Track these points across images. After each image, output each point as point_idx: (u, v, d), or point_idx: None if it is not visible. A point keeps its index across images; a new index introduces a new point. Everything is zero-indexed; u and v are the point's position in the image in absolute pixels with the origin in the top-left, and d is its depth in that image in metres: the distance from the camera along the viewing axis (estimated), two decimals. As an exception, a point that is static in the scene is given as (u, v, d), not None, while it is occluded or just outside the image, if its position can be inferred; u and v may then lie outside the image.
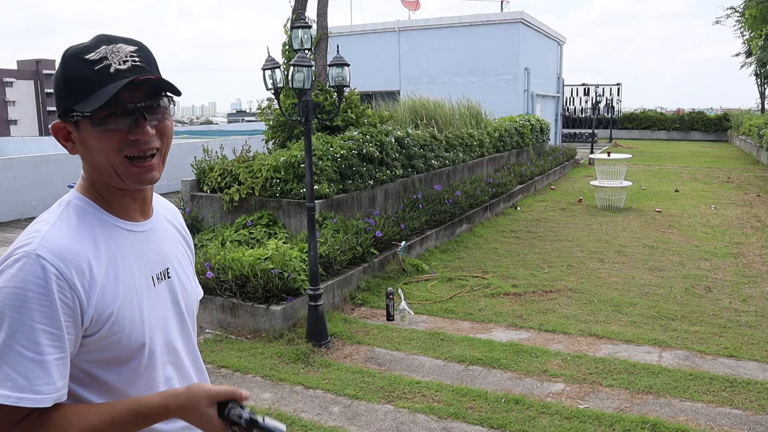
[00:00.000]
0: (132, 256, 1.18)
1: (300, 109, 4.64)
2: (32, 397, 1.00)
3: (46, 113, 76.87)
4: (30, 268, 1.03)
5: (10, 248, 1.09)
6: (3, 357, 1.00)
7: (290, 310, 5.11)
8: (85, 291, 1.08)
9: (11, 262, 1.05)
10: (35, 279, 1.03)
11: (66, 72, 1.11)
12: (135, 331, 1.15)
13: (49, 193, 11.60)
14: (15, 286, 1.02)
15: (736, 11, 26.53)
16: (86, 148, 1.13)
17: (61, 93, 1.12)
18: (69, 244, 1.09)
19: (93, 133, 1.10)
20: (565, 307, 5.68)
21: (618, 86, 31.51)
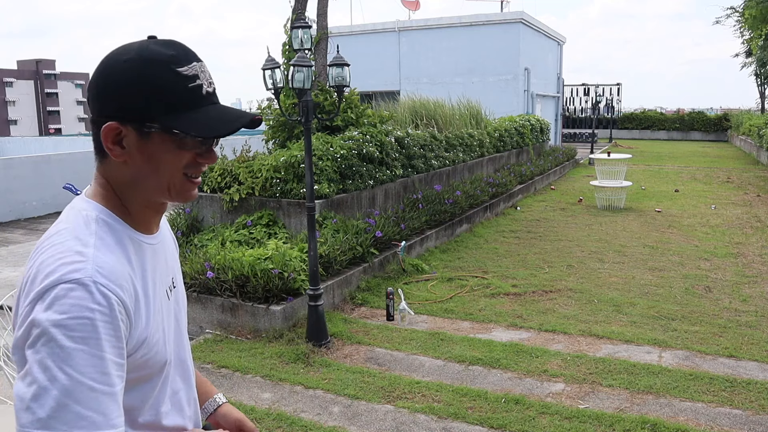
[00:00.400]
0: (154, 272, 1.15)
1: (300, 109, 4.64)
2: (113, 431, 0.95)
3: (46, 113, 76.86)
4: (93, 296, 0.96)
5: (45, 271, 0.98)
6: (72, 395, 0.91)
7: (290, 310, 5.11)
8: (135, 315, 1.05)
9: (65, 290, 0.95)
10: (100, 308, 0.96)
11: (151, 78, 1.03)
12: (160, 349, 1.13)
13: (49, 193, 11.61)
14: (81, 316, 0.94)
15: (736, 11, 26.53)
16: (147, 160, 1.07)
17: (137, 97, 1.03)
18: (118, 268, 1.03)
19: (166, 149, 1.06)
20: (565, 307, 5.68)
21: (618, 86, 31.51)
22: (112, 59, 1.05)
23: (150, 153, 1.06)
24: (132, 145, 1.05)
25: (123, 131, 1.04)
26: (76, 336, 0.93)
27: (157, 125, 1.04)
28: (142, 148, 1.05)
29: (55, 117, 78.58)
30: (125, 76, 1.03)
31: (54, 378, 0.91)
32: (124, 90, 1.03)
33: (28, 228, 10.24)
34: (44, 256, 1.01)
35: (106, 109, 1.05)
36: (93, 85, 1.06)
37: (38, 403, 0.90)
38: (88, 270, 0.98)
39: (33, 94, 76.59)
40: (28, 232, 9.90)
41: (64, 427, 0.90)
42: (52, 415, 0.90)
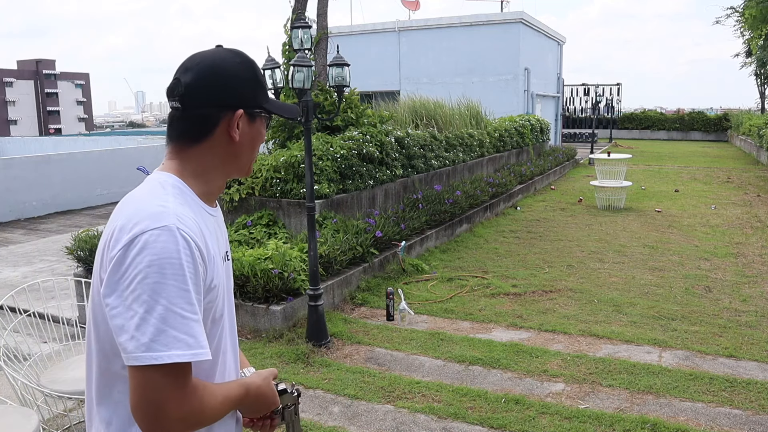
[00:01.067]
0: (214, 236, 1.31)
1: (300, 109, 4.64)
2: (204, 351, 1.13)
3: (46, 113, 76.86)
4: (178, 240, 1.14)
5: (132, 222, 1.15)
6: (167, 322, 1.09)
7: (290, 310, 5.11)
8: (207, 262, 1.21)
9: (154, 235, 1.12)
10: (183, 249, 1.14)
11: (259, 76, 1.33)
12: (220, 301, 1.29)
13: (49, 193, 11.61)
14: (170, 257, 1.12)
15: (736, 11, 26.53)
16: (249, 140, 1.33)
17: (253, 89, 1.31)
18: (193, 219, 1.22)
19: (261, 131, 1.36)
20: (565, 307, 5.68)
21: (618, 86, 31.51)
22: (226, 60, 1.29)
23: (254, 133, 1.34)
24: (244, 127, 1.31)
25: (242, 117, 1.30)
26: (168, 273, 1.11)
27: (264, 110, 1.34)
28: (250, 130, 1.33)
29: (55, 117, 78.57)
30: (244, 75, 1.30)
31: (152, 309, 1.09)
32: (244, 85, 1.30)
33: (28, 228, 10.24)
34: (128, 211, 1.19)
35: (229, 100, 1.28)
36: (209, 80, 1.26)
37: (140, 331, 1.08)
38: (172, 218, 1.16)
39: (33, 94, 76.59)
40: (28, 232, 9.90)
41: (164, 348, 1.08)
42: (154, 339, 1.08)
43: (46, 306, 4.07)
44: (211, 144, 1.29)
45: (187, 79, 1.26)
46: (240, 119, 1.28)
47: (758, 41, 22.59)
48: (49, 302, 4.90)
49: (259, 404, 1.35)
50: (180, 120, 1.28)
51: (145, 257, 1.10)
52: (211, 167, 1.31)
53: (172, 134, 1.30)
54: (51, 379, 3.25)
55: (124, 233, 1.14)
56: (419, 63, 20.40)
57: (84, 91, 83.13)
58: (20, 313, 3.67)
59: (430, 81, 19.94)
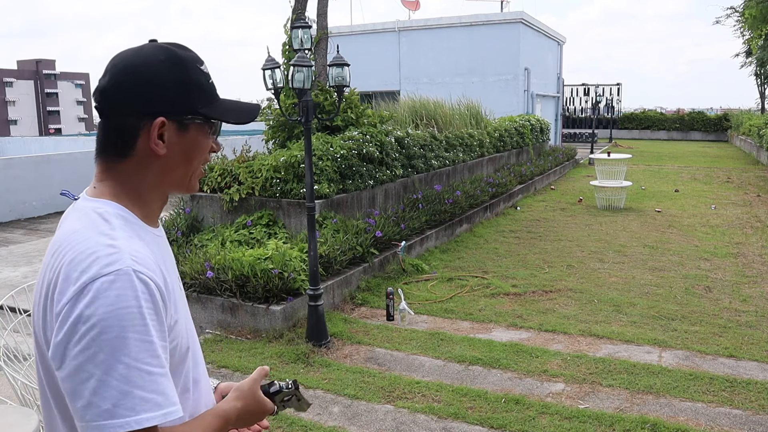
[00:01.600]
0: (169, 262, 1.19)
1: (300, 109, 4.64)
2: (174, 408, 1.00)
3: (46, 113, 76.88)
4: (134, 285, 0.99)
5: (79, 269, 0.99)
6: (132, 382, 0.95)
7: (290, 310, 5.11)
8: (167, 300, 1.07)
9: (106, 283, 0.97)
10: (143, 294, 0.99)
11: (191, 75, 1.12)
12: (182, 335, 1.15)
13: (49, 193, 11.61)
14: (127, 306, 0.97)
15: (736, 11, 26.53)
16: (181, 152, 1.13)
17: (181, 92, 1.11)
18: (149, 256, 1.06)
19: (201, 140, 1.15)
20: (565, 307, 5.68)
21: (618, 86, 31.51)
22: (146, 58, 1.09)
23: (187, 144, 1.13)
24: (171, 137, 1.11)
25: (167, 125, 1.10)
26: (126, 325, 0.96)
27: (200, 117, 1.13)
28: (180, 140, 1.12)
29: (55, 117, 78.58)
30: (169, 75, 1.09)
31: (111, 369, 0.94)
32: (169, 86, 1.09)
33: (28, 228, 10.24)
34: (72, 254, 1.01)
35: (147, 106, 1.08)
36: (124, 83, 1.08)
37: (99, 396, 0.94)
38: (126, 260, 1.00)
39: (33, 94, 76.60)
40: (28, 232, 9.90)
41: (130, 413, 0.94)
42: (117, 404, 0.94)
43: (46, 306, 4.05)
44: (137, 160, 1.11)
45: (104, 83, 1.10)
46: (164, 129, 1.09)
47: (758, 41, 22.58)
48: (49, 302, 4.89)
49: (249, 419, 1.24)
50: (102, 131, 1.12)
51: (98, 309, 0.95)
52: (144, 187, 1.13)
53: (98, 149, 1.14)
54: (51, 379, 3.24)
55: (70, 284, 0.98)
56: (419, 63, 20.40)
57: (84, 91, 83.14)
58: (20, 313, 3.67)
59: (430, 81, 19.94)
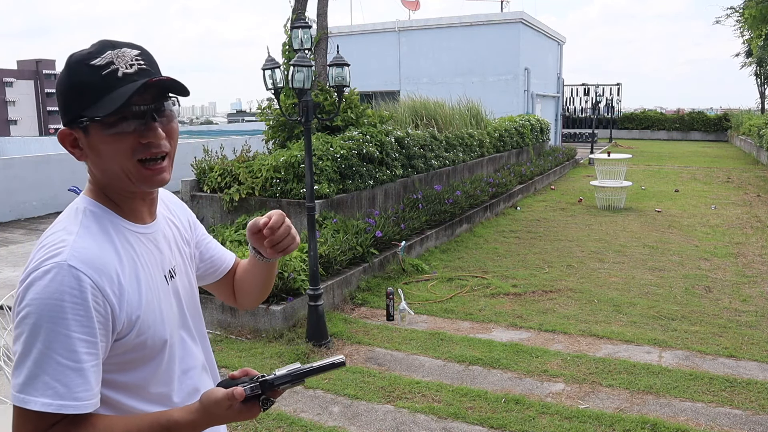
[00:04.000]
0: (147, 258, 1.22)
1: (300, 109, 4.64)
2: (73, 404, 1.04)
3: (46, 113, 76.88)
4: (64, 279, 1.05)
5: (35, 259, 1.09)
6: (42, 366, 1.03)
7: (290, 310, 5.11)
8: (116, 298, 1.11)
9: (41, 273, 1.05)
10: (70, 290, 1.05)
11: (72, 78, 1.12)
12: (158, 329, 1.19)
13: (49, 193, 11.61)
14: (50, 297, 1.04)
15: (736, 11, 26.50)
16: (96, 154, 1.14)
17: (68, 100, 1.12)
18: (97, 253, 1.11)
19: (104, 138, 1.11)
20: (565, 307, 5.68)
21: (618, 86, 31.50)
22: (59, 75, 1.16)
23: (94, 147, 1.13)
24: (84, 144, 1.14)
25: (74, 134, 1.14)
26: (45, 315, 1.03)
27: (85, 119, 1.10)
28: (89, 145, 1.13)
29: (55, 117, 78.52)
30: (60, 86, 1.14)
31: (29, 350, 1.03)
32: (61, 98, 1.14)
33: (28, 228, 10.24)
34: (37, 248, 1.12)
35: (64, 119, 1.14)
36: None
37: (18, 371, 1.04)
38: (64, 255, 1.07)
39: (33, 94, 76.60)
40: (28, 232, 9.90)
41: (35, 393, 1.03)
42: (27, 382, 1.03)
43: (46, 306, 4.06)
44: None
45: None
46: (73, 136, 1.14)
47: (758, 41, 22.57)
48: (49, 302, 4.90)
49: (217, 422, 1.16)
50: None
51: (28, 296, 1.05)
52: (100, 186, 1.19)
53: None
54: (51, 379, 3.24)
55: (25, 269, 1.09)
56: (419, 63, 20.40)
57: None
58: (20, 313, 3.67)
59: (430, 81, 19.94)
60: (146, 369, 1.20)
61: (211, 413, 1.12)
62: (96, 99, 1.09)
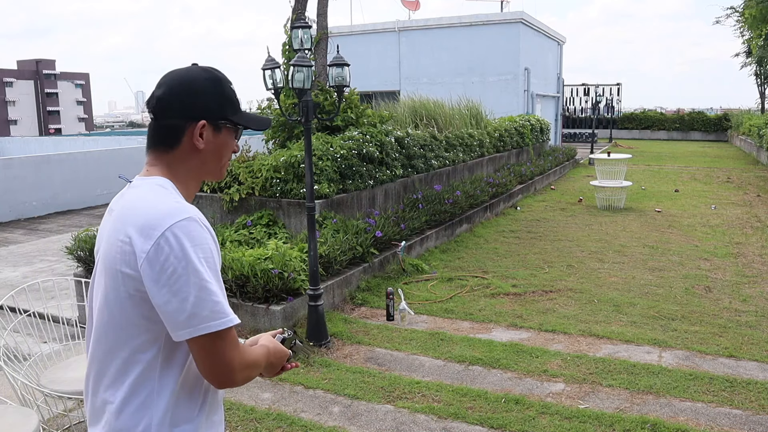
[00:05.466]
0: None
1: (300, 109, 4.64)
2: (236, 317, 1.33)
3: (46, 113, 76.85)
4: (202, 228, 1.31)
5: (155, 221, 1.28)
6: (214, 296, 1.28)
7: (290, 310, 5.11)
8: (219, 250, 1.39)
9: (183, 227, 1.28)
10: (210, 236, 1.33)
11: (225, 88, 1.46)
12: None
13: (49, 193, 11.61)
14: (201, 243, 1.29)
15: (736, 11, 26.50)
16: (217, 149, 1.46)
17: (219, 104, 1.44)
18: (203, 217, 1.37)
19: (229, 141, 1.48)
20: (565, 307, 5.68)
21: (618, 86, 31.50)
22: (194, 76, 1.42)
23: (220, 142, 1.46)
24: (209, 136, 1.44)
25: (206, 127, 1.42)
26: (201, 257, 1.28)
27: (229, 122, 1.46)
28: (215, 139, 1.45)
29: (55, 117, 78.55)
30: (209, 89, 1.43)
31: (202, 288, 1.26)
32: (210, 98, 1.43)
33: (28, 228, 10.24)
34: (143, 211, 1.31)
35: (193, 112, 1.41)
36: (177, 94, 1.40)
37: (199, 307, 1.26)
38: (191, 211, 1.32)
39: (33, 94, 76.56)
40: (28, 232, 9.90)
41: (222, 316, 1.29)
42: (213, 310, 1.27)
43: (46, 306, 4.07)
44: (181, 152, 1.42)
45: (159, 93, 1.41)
46: (204, 129, 1.41)
47: (758, 41, 22.57)
48: (49, 302, 4.90)
49: (278, 359, 1.56)
50: (154, 130, 1.43)
51: (182, 245, 1.26)
52: (185, 173, 1.44)
53: (150, 142, 1.44)
54: (51, 379, 3.25)
55: (154, 229, 1.27)
56: (419, 63, 20.40)
57: (84, 91, 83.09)
58: (20, 313, 3.67)
59: (430, 81, 19.94)
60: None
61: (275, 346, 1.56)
62: (236, 112, 1.47)
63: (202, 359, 1.29)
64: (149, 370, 1.33)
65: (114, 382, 1.36)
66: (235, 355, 1.32)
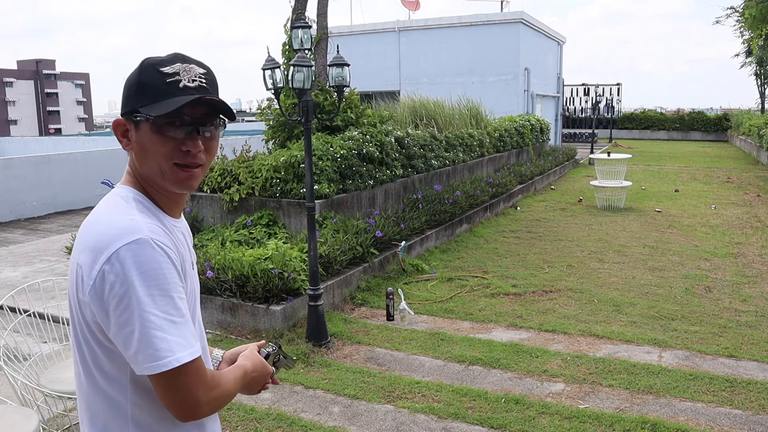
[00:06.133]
0: (183, 245, 1.34)
1: (300, 109, 4.64)
2: (198, 348, 1.20)
3: (46, 113, 76.85)
4: (154, 249, 1.16)
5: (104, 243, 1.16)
6: (164, 329, 1.15)
7: (290, 310, 5.11)
8: (183, 267, 1.26)
9: (131, 250, 1.14)
10: (162, 257, 1.17)
11: (140, 77, 1.24)
12: (191, 305, 1.31)
13: (49, 193, 11.61)
14: (150, 268, 1.15)
15: (736, 11, 26.50)
16: (141, 149, 1.25)
17: (131, 94, 1.24)
18: (161, 229, 1.24)
19: (151, 137, 1.23)
20: (565, 307, 5.68)
21: (618, 86, 31.51)
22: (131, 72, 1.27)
23: (140, 142, 1.25)
24: (133, 137, 1.26)
25: (126, 125, 1.26)
26: (151, 284, 1.14)
27: (140, 114, 1.22)
28: (137, 139, 1.25)
29: (55, 117, 78.55)
30: (128, 82, 1.26)
31: (147, 321, 1.13)
32: (126, 91, 1.26)
33: (28, 228, 10.24)
34: (96, 229, 1.19)
35: (123, 110, 1.27)
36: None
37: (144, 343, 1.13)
38: (143, 230, 1.17)
39: (33, 94, 76.56)
40: (28, 232, 9.90)
41: (178, 349, 1.15)
42: (160, 348, 1.14)
43: (46, 306, 4.07)
44: (132, 154, 1.30)
45: None
46: (125, 127, 1.27)
47: (758, 41, 22.56)
48: (49, 302, 4.90)
49: (260, 376, 1.45)
50: None
51: (126, 273, 1.13)
52: (138, 179, 1.30)
53: None
54: (51, 379, 3.25)
55: (100, 253, 1.15)
56: (419, 63, 20.40)
57: (84, 91, 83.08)
58: (20, 313, 3.67)
59: (430, 81, 19.94)
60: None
61: (256, 362, 1.44)
62: (154, 100, 1.22)
63: (162, 395, 1.19)
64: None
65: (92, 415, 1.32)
66: (199, 389, 1.20)
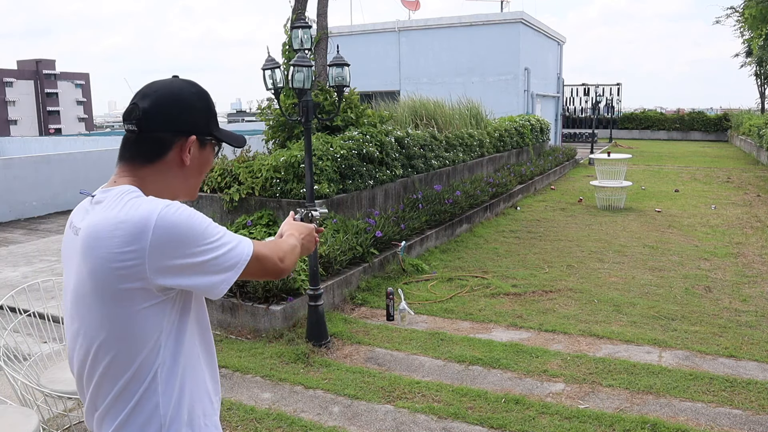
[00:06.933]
0: None
1: (300, 109, 4.64)
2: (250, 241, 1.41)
3: (46, 113, 76.84)
4: (186, 205, 1.32)
5: (137, 218, 1.25)
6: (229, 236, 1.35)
7: (290, 310, 5.11)
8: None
9: (167, 208, 1.26)
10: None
11: (210, 106, 1.46)
12: (197, 304, 1.48)
13: (49, 193, 11.61)
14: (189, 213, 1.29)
15: (736, 11, 26.50)
16: (198, 164, 1.44)
17: (208, 117, 1.44)
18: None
19: (210, 157, 1.47)
20: (565, 307, 5.68)
21: (618, 86, 31.50)
22: (180, 90, 1.41)
23: (203, 158, 1.45)
24: (195, 152, 1.42)
25: (194, 142, 1.41)
26: (197, 216, 1.30)
27: (213, 138, 1.46)
28: (199, 155, 1.44)
29: (55, 117, 78.54)
30: (198, 104, 1.42)
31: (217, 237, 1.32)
32: (198, 113, 1.42)
33: (28, 228, 10.24)
34: (121, 214, 1.26)
35: (182, 126, 1.39)
36: (166, 107, 1.37)
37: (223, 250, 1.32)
38: (168, 200, 1.30)
39: (33, 94, 76.56)
40: (28, 232, 9.90)
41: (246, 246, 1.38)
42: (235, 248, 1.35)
43: (46, 306, 4.07)
44: (162, 166, 1.39)
45: (145, 105, 1.36)
46: (192, 145, 1.40)
47: (758, 41, 22.56)
48: (49, 302, 4.90)
49: (309, 238, 1.71)
50: (135, 142, 1.38)
51: (177, 219, 1.26)
52: (161, 187, 1.39)
53: (126, 155, 1.39)
54: (51, 379, 3.25)
55: (145, 226, 1.24)
56: (419, 63, 20.39)
57: (84, 91, 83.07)
58: (20, 313, 3.67)
59: (430, 81, 19.94)
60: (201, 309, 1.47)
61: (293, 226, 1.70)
62: (218, 127, 1.47)
63: (255, 275, 1.42)
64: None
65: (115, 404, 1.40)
66: (274, 260, 1.44)
